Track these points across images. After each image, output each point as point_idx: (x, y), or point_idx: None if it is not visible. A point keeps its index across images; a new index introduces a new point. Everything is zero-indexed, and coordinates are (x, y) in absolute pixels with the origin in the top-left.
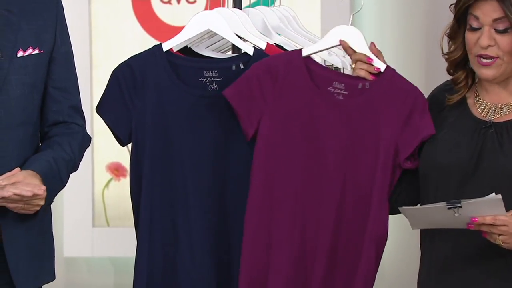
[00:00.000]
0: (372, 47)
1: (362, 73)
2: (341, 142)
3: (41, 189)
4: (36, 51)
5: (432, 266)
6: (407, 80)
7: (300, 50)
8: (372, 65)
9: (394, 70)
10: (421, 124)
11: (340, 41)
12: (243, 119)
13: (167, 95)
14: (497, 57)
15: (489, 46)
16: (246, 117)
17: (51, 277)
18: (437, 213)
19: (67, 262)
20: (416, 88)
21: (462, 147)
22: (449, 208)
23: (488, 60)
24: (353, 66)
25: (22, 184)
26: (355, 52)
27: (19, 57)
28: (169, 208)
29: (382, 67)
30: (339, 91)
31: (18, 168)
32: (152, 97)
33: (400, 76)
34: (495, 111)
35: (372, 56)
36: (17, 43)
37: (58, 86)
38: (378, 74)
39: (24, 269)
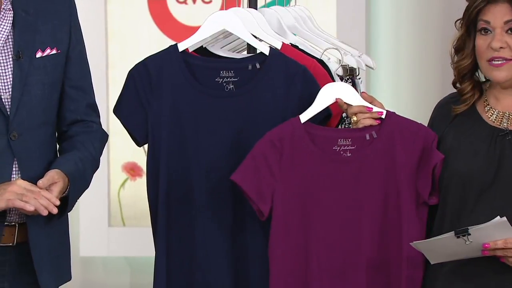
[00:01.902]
0: (365, 95)
1: (368, 122)
2: (368, 197)
3: (55, 209)
4: (54, 51)
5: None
6: (410, 120)
7: (298, 118)
8: (373, 112)
9: (394, 112)
10: (432, 157)
11: (337, 99)
12: (256, 200)
13: (183, 95)
14: (510, 59)
15: (501, 48)
16: (258, 198)
17: (69, 276)
18: (449, 244)
19: (83, 261)
20: (421, 124)
21: (480, 156)
22: (458, 237)
23: (499, 62)
24: (354, 119)
25: (41, 197)
26: (351, 105)
27: (38, 57)
28: (185, 207)
29: (383, 111)
30: (346, 147)
31: (54, 170)
32: (168, 97)
33: (402, 117)
34: (508, 118)
35: (368, 104)
36: (35, 44)
37: (74, 85)
38: (380, 118)
39: (48, 269)
